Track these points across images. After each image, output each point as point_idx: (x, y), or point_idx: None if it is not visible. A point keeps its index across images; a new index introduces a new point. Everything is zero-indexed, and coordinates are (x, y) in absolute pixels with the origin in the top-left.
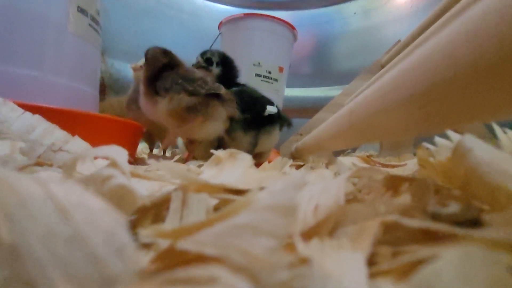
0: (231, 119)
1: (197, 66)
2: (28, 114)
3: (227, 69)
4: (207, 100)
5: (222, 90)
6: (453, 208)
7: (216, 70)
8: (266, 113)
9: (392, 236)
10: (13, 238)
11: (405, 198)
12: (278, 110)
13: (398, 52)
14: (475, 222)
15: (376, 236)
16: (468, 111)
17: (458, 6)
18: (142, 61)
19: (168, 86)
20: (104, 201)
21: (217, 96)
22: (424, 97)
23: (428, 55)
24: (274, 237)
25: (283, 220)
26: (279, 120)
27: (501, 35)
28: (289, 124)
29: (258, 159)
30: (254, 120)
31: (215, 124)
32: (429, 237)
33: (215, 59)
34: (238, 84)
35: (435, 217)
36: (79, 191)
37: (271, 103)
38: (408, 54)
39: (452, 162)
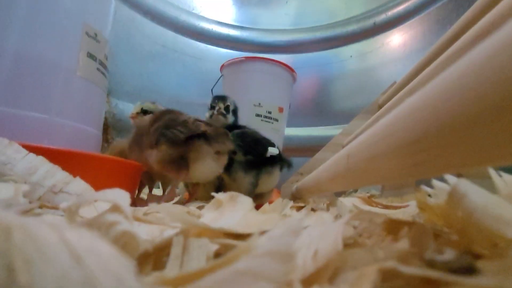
0: (232, 160)
1: (218, 113)
2: (31, 156)
3: (236, 116)
4: (191, 142)
5: (202, 128)
6: (448, 255)
7: (232, 118)
8: (268, 154)
9: (390, 283)
10: (30, 281)
11: (404, 244)
12: (279, 151)
13: (393, 93)
14: (470, 269)
15: (374, 283)
16: (459, 159)
17: (447, 53)
18: (138, 107)
19: (153, 139)
20: (111, 246)
21: (202, 135)
22: (416, 145)
23: (416, 107)
24: (273, 283)
25: (282, 266)
26: (280, 161)
27: (484, 88)
28: (289, 165)
29: (260, 200)
30: (255, 161)
31: (204, 163)
32: (425, 283)
33: (231, 107)
34: (239, 127)
35: (431, 264)
36: (89, 237)
37: (272, 145)
38: (401, 99)
39: (449, 206)
